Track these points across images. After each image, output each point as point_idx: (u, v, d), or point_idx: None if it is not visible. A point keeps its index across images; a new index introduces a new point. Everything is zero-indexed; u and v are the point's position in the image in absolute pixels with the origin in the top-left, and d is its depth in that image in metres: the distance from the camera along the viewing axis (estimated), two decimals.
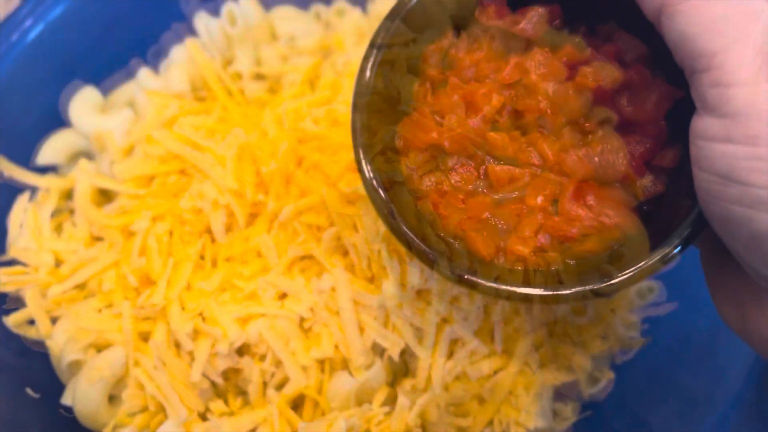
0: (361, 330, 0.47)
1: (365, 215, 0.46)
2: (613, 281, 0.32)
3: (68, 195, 0.57)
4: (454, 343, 0.48)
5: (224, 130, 0.54)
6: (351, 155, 0.48)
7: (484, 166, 0.36)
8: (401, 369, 0.50)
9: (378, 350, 0.48)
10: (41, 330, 0.51)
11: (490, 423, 0.48)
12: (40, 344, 0.52)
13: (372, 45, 0.36)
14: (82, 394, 0.48)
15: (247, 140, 0.51)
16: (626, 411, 0.51)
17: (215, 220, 0.50)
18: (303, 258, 0.49)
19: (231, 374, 0.49)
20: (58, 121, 0.59)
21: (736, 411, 0.46)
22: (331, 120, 0.51)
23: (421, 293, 0.47)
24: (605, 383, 0.51)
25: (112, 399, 0.49)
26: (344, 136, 0.50)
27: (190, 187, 0.51)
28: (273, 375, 0.48)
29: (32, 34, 0.59)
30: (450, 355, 0.48)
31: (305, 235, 0.48)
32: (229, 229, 0.51)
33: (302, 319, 0.48)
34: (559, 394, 0.50)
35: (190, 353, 0.47)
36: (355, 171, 0.49)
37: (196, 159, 0.51)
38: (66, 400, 0.50)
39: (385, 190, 0.35)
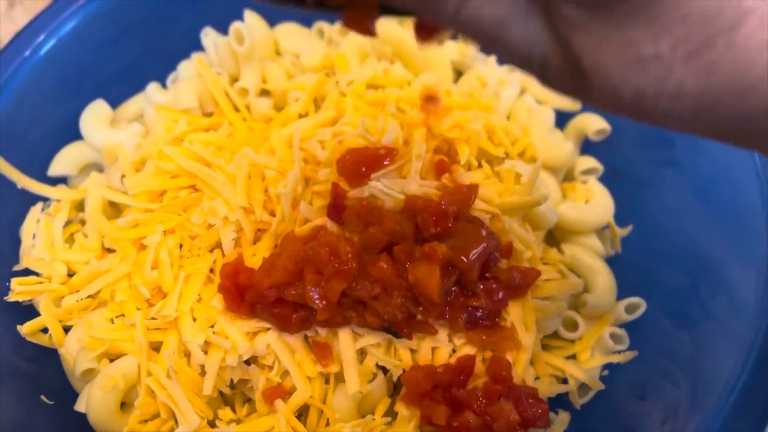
0: (364, 354, 0.50)
1: None
2: None
3: (80, 206, 0.59)
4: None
5: (233, 147, 0.56)
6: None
7: None
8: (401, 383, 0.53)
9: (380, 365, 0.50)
10: (54, 339, 0.53)
11: None
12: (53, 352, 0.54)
13: None
14: (95, 402, 0.50)
15: (256, 159, 0.53)
16: (614, 421, 0.53)
17: (225, 235, 0.52)
18: None
19: (238, 383, 0.51)
20: (69, 133, 0.61)
21: (720, 420, 0.48)
22: (337, 142, 0.54)
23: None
24: (595, 394, 0.54)
25: (124, 406, 0.51)
26: None
27: (200, 203, 0.53)
28: (279, 385, 0.50)
29: (44, 49, 0.60)
30: None
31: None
32: (237, 244, 0.53)
33: (306, 336, 0.50)
34: (552, 404, 0.53)
35: (201, 364, 0.49)
36: None
37: (207, 176, 0.53)
38: (79, 407, 0.51)
39: None
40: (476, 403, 0.47)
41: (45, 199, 0.59)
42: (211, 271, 0.53)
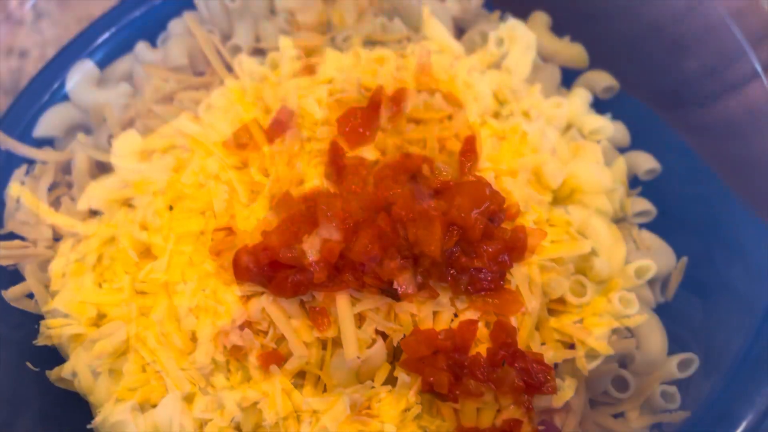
0: (362, 319, 0.47)
1: None
2: None
3: (66, 169, 0.57)
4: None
5: (225, 106, 0.54)
6: None
7: None
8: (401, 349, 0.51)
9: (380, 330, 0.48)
10: (40, 304, 0.51)
11: None
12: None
13: None
14: (82, 369, 0.48)
15: (249, 116, 0.51)
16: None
17: (217, 196, 0.50)
18: None
19: (232, 348, 0.49)
20: (55, 93, 0.59)
21: (732, 387, 0.47)
22: (335, 100, 0.51)
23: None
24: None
25: (113, 373, 0.49)
26: None
27: (191, 162, 0.51)
28: (274, 350, 0.48)
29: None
30: None
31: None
32: (229, 205, 0.51)
33: (302, 301, 0.48)
34: (558, 371, 0.51)
35: (192, 329, 0.47)
36: None
37: (198, 134, 0.50)
38: (67, 374, 0.49)
39: None
40: (479, 370, 0.45)
41: (30, 161, 0.56)
42: (202, 233, 0.50)
